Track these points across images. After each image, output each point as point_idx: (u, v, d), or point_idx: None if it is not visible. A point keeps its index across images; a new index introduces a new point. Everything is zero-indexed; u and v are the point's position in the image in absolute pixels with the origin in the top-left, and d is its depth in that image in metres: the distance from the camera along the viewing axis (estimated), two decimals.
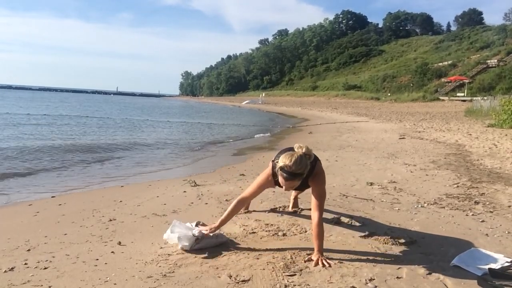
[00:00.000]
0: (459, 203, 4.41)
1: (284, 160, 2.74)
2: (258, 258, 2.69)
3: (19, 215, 4.23)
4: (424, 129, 14.80)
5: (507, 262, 2.65)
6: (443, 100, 37.74)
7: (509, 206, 4.30)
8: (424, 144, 10.10)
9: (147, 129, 18.02)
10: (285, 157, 2.75)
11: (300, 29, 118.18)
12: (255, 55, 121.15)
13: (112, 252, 2.87)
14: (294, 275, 2.46)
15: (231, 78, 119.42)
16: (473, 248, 2.93)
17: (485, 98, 25.00)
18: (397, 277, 2.46)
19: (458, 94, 39.61)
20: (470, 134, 11.95)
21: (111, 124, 19.38)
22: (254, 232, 3.26)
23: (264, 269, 2.53)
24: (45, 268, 2.58)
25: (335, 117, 25.83)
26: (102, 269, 2.57)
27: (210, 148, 11.73)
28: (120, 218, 3.79)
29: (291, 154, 2.75)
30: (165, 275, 2.46)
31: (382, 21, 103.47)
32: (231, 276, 2.43)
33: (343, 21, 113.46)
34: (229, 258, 2.71)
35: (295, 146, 2.87)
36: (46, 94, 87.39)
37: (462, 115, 21.60)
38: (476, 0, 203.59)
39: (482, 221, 3.72)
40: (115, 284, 2.36)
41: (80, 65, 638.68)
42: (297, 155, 2.74)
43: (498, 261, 2.67)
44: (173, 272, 2.51)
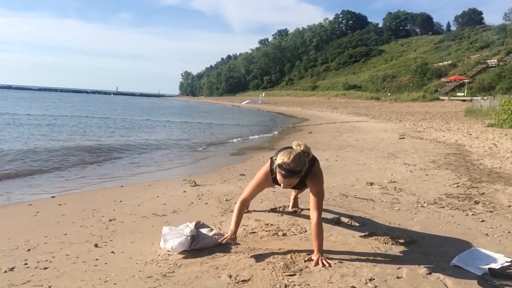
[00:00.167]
0: (459, 203, 4.41)
1: (282, 157, 2.73)
2: (258, 258, 2.69)
3: (19, 215, 4.23)
4: (424, 129, 14.80)
5: (507, 262, 2.64)
6: (443, 100, 37.73)
7: (509, 206, 4.29)
8: (424, 144, 10.09)
9: (147, 129, 18.01)
10: (283, 155, 2.74)
11: (300, 29, 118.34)
12: (255, 55, 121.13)
13: (112, 252, 2.87)
14: (294, 275, 2.46)
15: (231, 78, 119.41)
16: (473, 248, 2.92)
17: (485, 98, 25.02)
18: (397, 277, 2.46)
19: (458, 94, 39.60)
20: (470, 134, 11.95)
21: (111, 124, 19.36)
22: (254, 232, 3.26)
23: (264, 269, 2.53)
24: (45, 268, 2.58)
25: (335, 117, 25.83)
26: (102, 269, 2.57)
27: (210, 148, 11.74)
28: (120, 218, 3.79)
29: (290, 152, 2.75)
30: (165, 275, 2.46)
31: (382, 21, 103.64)
32: (231, 276, 2.43)
33: (343, 21, 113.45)
34: (229, 258, 2.71)
35: (294, 144, 2.87)
36: (46, 94, 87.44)
37: (462, 115, 21.60)
38: (476, 0, 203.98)
39: (482, 221, 3.72)
40: (115, 284, 2.36)
41: (80, 65, 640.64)
42: (296, 153, 2.74)
43: (498, 261, 2.67)
44: (173, 272, 2.51)
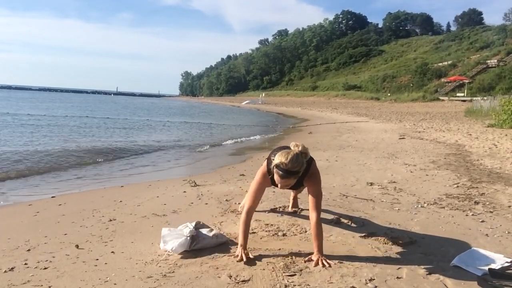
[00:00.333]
0: (459, 203, 4.41)
1: (280, 157, 2.69)
2: (258, 258, 2.69)
3: (19, 215, 4.24)
4: (424, 129, 14.79)
5: (507, 262, 2.64)
6: (443, 100, 37.72)
7: (509, 206, 4.29)
8: (424, 144, 10.09)
9: (147, 129, 18.03)
10: (281, 155, 2.71)
11: (300, 29, 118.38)
12: (255, 55, 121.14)
13: (112, 252, 2.88)
14: (294, 275, 2.46)
15: (231, 78, 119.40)
16: (473, 248, 2.92)
17: (485, 98, 25.01)
18: (397, 277, 2.46)
19: (458, 94, 39.59)
20: (470, 134, 11.94)
21: (111, 125, 19.37)
22: (254, 232, 3.26)
23: (264, 269, 2.53)
24: (45, 268, 2.58)
25: (335, 117, 25.82)
26: (102, 269, 2.57)
27: (210, 148, 11.74)
28: (120, 218, 3.79)
29: (287, 152, 2.72)
30: (165, 275, 2.46)
31: (382, 21, 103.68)
32: (231, 276, 2.43)
33: (343, 21, 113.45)
34: (229, 258, 2.71)
35: (291, 144, 2.85)
36: (46, 94, 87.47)
37: (462, 115, 21.59)
38: (476, 0, 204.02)
39: (482, 221, 3.72)
40: (115, 284, 2.36)
41: (80, 65, 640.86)
42: (293, 153, 2.71)
43: (498, 261, 2.67)
44: (173, 272, 2.51)
